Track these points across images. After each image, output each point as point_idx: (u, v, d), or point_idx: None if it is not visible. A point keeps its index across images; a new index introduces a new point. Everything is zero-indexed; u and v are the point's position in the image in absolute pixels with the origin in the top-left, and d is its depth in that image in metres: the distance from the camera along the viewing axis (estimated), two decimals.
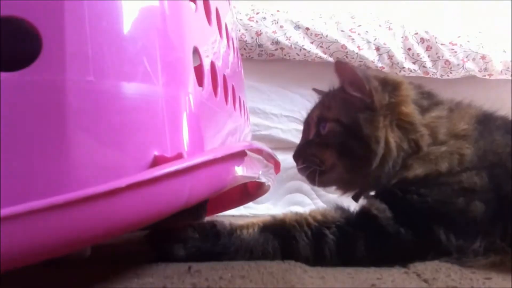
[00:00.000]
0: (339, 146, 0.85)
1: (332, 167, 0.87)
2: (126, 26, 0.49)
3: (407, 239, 0.70)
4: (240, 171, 0.60)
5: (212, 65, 0.66)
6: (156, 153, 0.49)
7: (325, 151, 0.87)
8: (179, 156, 0.49)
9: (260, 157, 0.78)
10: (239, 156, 0.58)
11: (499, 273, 0.65)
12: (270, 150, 0.80)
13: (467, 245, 0.70)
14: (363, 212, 0.75)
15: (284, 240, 0.70)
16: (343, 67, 0.90)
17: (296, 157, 0.94)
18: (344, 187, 0.92)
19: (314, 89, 1.11)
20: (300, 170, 0.92)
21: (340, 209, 0.76)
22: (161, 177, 0.45)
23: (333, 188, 0.95)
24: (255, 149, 0.68)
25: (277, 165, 0.98)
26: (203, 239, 0.69)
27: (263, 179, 0.82)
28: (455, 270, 0.67)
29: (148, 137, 0.49)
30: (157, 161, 0.48)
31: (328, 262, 0.69)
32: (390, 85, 0.87)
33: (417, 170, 0.78)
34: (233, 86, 0.79)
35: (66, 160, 0.44)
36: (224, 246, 0.69)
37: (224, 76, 0.72)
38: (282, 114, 1.81)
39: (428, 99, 0.88)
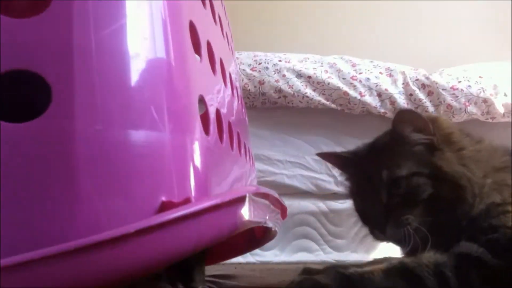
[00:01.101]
0: (429, 198, 0.81)
1: (424, 221, 0.82)
2: (134, 77, 0.51)
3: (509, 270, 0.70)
4: (247, 215, 0.60)
5: (218, 112, 0.68)
6: (163, 198, 0.50)
7: (414, 208, 0.82)
8: (186, 201, 0.50)
9: (267, 202, 0.78)
10: (245, 200, 0.58)
11: None
12: (276, 195, 0.80)
13: None
14: (465, 256, 0.74)
15: (411, 279, 0.70)
16: (408, 114, 0.88)
17: (380, 226, 0.86)
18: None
19: (319, 154, 1.10)
20: (389, 235, 0.86)
21: (434, 254, 0.75)
22: (169, 222, 0.45)
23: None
24: (262, 193, 0.68)
25: (283, 210, 0.97)
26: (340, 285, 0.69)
27: (270, 224, 0.81)
28: None
29: (155, 183, 0.50)
30: (164, 207, 0.49)
31: None
32: (432, 121, 0.88)
33: (480, 205, 0.79)
34: (238, 132, 0.80)
35: (74, 207, 0.45)
36: None
37: (229, 123, 0.73)
38: (287, 160, 1.82)
39: (466, 131, 0.91)
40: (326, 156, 1.09)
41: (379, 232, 0.87)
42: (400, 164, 0.84)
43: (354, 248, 1.82)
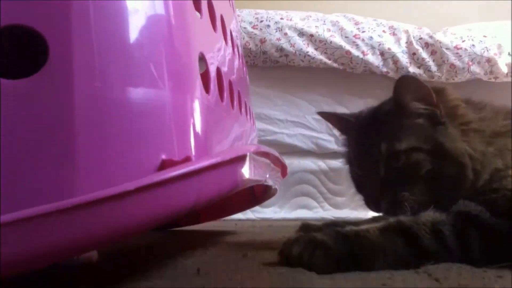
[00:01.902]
0: (428, 174, 0.79)
1: (422, 197, 0.80)
2: (133, 33, 0.50)
3: (508, 229, 0.69)
4: (248, 174, 0.60)
5: (218, 71, 0.67)
6: (164, 157, 0.50)
7: (412, 184, 0.81)
8: (187, 160, 0.50)
9: (267, 160, 0.78)
10: (247, 159, 0.58)
11: (511, 271, 0.65)
12: (277, 154, 0.80)
13: None
14: (463, 214, 0.73)
15: (408, 237, 0.69)
16: (410, 81, 0.83)
17: (377, 200, 0.84)
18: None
19: (319, 113, 1.07)
20: (384, 209, 0.84)
21: (433, 213, 0.74)
22: (169, 180, 0.45)
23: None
24: (262, 152, 0.68)
25: (284, 169, 0.98)
26: (336, 243, 0.67)
27: (270, 182, 0.82)
28: (467, 269, 0.66)
29: (155, 141, 0.50)
30: (165, 165, 0.49)
31: (453, 256, 0.69)
32: (438, 92, 0.84)
33: (484, 175, 0.78)
34: (239, 91, 0.80)
35: (74, 165, 0.45)
36: (356, 247, 0.67)
37: (230, 81, 0.73)
38: (288, 120, 1.82)
39: (472, 101, 0.88)
40: (327, 116, 1.07)
41: (374, 206, 0.85)
42: (400, 138, 0.82)
43: (353, 206, 1.84)
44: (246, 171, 0.60)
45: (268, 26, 1.81)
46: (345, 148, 0.97)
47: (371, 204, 0.86)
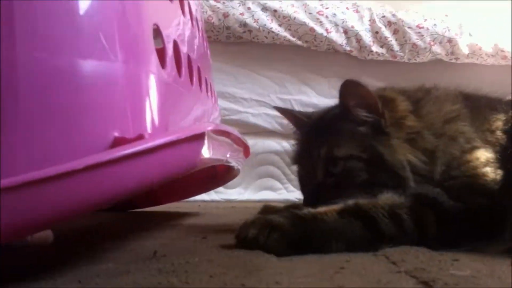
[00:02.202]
0: (364, 183, 0.79)
1: None
2: (81, 1, 0.47)
3: (464, 213, 0.71)
4: (207, 153, 0.58)
5: (175, 44, 0.64)
6: (116, 134, 0.47)
7: (347, 192, 0.78)
8: (140, 137, 0.47)
9: (228, 140, 0.76)
10: (204, 138, 0.56)
11: (467, 254, 0.65)
12: (238, 133, 0.78)
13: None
14: (422, 196, 0.74)
15: (365, 220, 0.69)
16: (354, 86, 0.81)
17: (312, 205, 0.81)
18: None
19: (276, 108, 1.07)
20: None
21: (392, 196, 0.74)
22: (121, 159, 0.43)
23: None
24: (222, 131, 0.66)
25: (246, 149, 0.96)
26: (293, 225, 0.66)
27: (231, 163, 0.80)
28: (424, 252, 0.67)
29: (107, 117, 0.48)
30: (117, 142, 0.47)
31: (410, 239, 0.69)
32: (387, 102, 0.83)
33: (438, 167, 0.78)
34: (199, 67, 0.77)
35: (18, 140, 0.42)
36: (312, 229, 0.67)
37: (188, 56, 0.70)
38: (252, 99, 1.80)
39: (414, 100, 0.86)
40: (283, 111, 1.05)
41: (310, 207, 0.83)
42: (340, 144, 0.81)
43: None
44: (204, 150, 0.57)
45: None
46: (294, 146, 0.96)
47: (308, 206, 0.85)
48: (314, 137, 0.86)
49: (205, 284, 0.48)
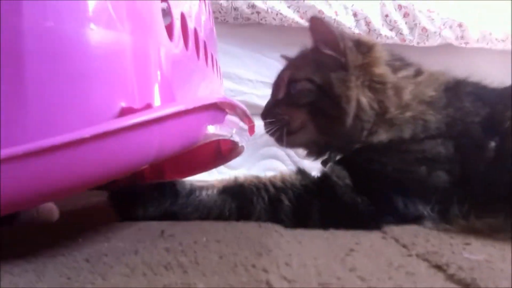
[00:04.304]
0: (310, 105, 0.83)
1: (302, 126, 0.85)
2: None
3: (363, 208, 0.70)
4: (213, 127, 0.57)
5: (183, 17, 0.62)
6: (123, 104, 0.46)
7: (295, 110, 0.85)
8: (147, 107, 0.46)
9: (234, 116, 0.75)
10: (211, 109, 0.55)
11: (477, 238, 0.64)
12: (244, 108, 0.77)
13: (423, 213, 0.71)
14: (323, 179, 0.75)
15: (242, 203, 0.71)
16: (319, 24, 0.87)
17: (264, 116, 0.92)
18: (314, 150, 0.89)
19: (283, 56, 1.08)
20: (267, 129, 0.89)
21: (302, 174, 0.77)
22: (129, 128, 0.42)
23: (304, 152, 0.93)
24: (228, 103, 0.65)
25: (251, 126, 0.95)
26: (162, 198, 0.70)
27: (236, 138, 0.79)
28: (434, 235, 0.66)
29: (114, 86, 0.46)
30: (124, 113, 0.45)
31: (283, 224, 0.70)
32: (363, 46, 0.86)
33: (382, 135, 0.78)
34: (205, 42, 0.75)
35: (25, 109, 0.41)
36: (182, 206, 0.70)
37: (195, 30, 0.68)
38: (258, 80, 1.78)
39: (399, 61, 0.88)
40: (290, 59, 1.07)
41: (263, 117, 0.92)
42: (302, 68, 0.87)
43: (321, 168, 1.83)
44: (210, 124, 0.56)
45: None
46: None
47: (261, 116, 0.93)
48: (286, 64, 0.97)
49: (215, 264, 0.48)
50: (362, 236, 0.65)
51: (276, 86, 0.94)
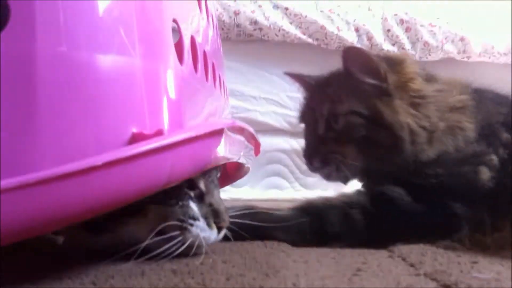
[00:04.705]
0: (362, 139, 0.80)
1: (354, 161, 0.81)
2: None
3: (426, 218, 0.72)
4: (222, 150, 0.57)
5: (192, 40, 0.63)
6: (134, 130, 0.46)
7: (345, 146, 0.81)
8: (159, 133, 0.47)
9: (242, 137, 0.75)
10: (221, 134, 0.55)
11: (485, 257, 0.64)
12: (252, 130, 0.77)
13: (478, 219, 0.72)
14: (380, 195, 0.75)
15: (314, 217, 0.73)
16: (356, 53, 0.83)
17: (310, 156, 0.87)
18: (366, 178, 0.86)
19: (287, 73, 1.07)
20: (318, 169, 0.86)
21: (361, 193, 0.79)
22: (141, 155, 0.42)
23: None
24: (237, 127, 0.65)
25: (257, 147, 0.95)
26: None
27: (243, 160, 0.79)
28: (441, 253, 0.66)
29: (125, 112, 0.47)
30: (135, 138, 0.46)
31: (358, 238, 0.72)
32: (395, 64, 0.83)
33: (429, 152, 0.78)
34: (213, 63, 0.76)
35: (37, 136, 0.41)
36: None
37: (204, 52, 0.69)
38: (261, 97, 1.79)
39: (425, 70, 0.87)
40: (294, 77, 1.06)
41: (308, 160, 0.88)
42: (343, 100, 0.82)
43: (324, 186, 1.82)
44: (220, 147, 0.57)
45: None
46: (300, 106, 0.99)
47: (306, 158, 0.89)
48: (318, 95, 0.90)
49: (222, 285, 0.48)
50: (369, 255, 0.65)
51: (312, 121, 0.89)
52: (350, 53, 0.82)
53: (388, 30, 1.78)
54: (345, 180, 0.88)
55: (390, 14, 1.80)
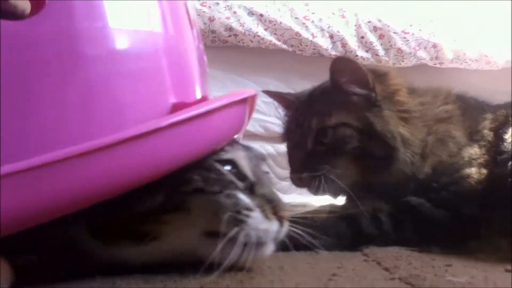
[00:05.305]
0: (354, 150, 0.80)
1: (345, 172, 0.81)
2: None
3: (449, 222, 0.73)
4: (247, 119, 0.63)
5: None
6: (174, 100, 0.52)
7: (336, 158, 0.81)
8: (203, 99, 0.55)
9: None
10: (246, 103, 0.60)
11: (459, 260, 0.65)
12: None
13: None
14: (403, 204, 0.77)
15: (349, 221, 0.75)
16: (346, 63, 0.83)
17: (298, 171, 0.85)
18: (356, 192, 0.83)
19: (265, 91, 1.06)
20: (306, 183, 0.85)
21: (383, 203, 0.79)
22: (187, 120, 0.47)
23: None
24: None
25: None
26: None
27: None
28: (415, 257, 0.66)
29: (164, 83, 0.52)
30: (176, 107, 0.51)
31: (388, 239, 0.74)
32: (380, 75, 0.84)
33: (425, 168, 0.79)
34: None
35: (92, 106, 0.46)
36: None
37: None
38: None
39: (408, 86, 0.88)
40: (273, 95, 1.06)
41: (296, 177, 0.86)
42: (331, 113, 0.82)
43: (300, 191, 1.82)
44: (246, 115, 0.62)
45: (217, 3, 1.75)
46: (284, 126, 0.97)
47: (293, 176, 0.87)
48: (304, 111, 0.87)
49: None
50: (344, 260, 0.65)
51: (299, 137, 0.87)
52: (338, 64, 0.82)
53: (362, 37, 1.79)
54: (334, 194, 0.87)
55: (364, 21, 1.81)
